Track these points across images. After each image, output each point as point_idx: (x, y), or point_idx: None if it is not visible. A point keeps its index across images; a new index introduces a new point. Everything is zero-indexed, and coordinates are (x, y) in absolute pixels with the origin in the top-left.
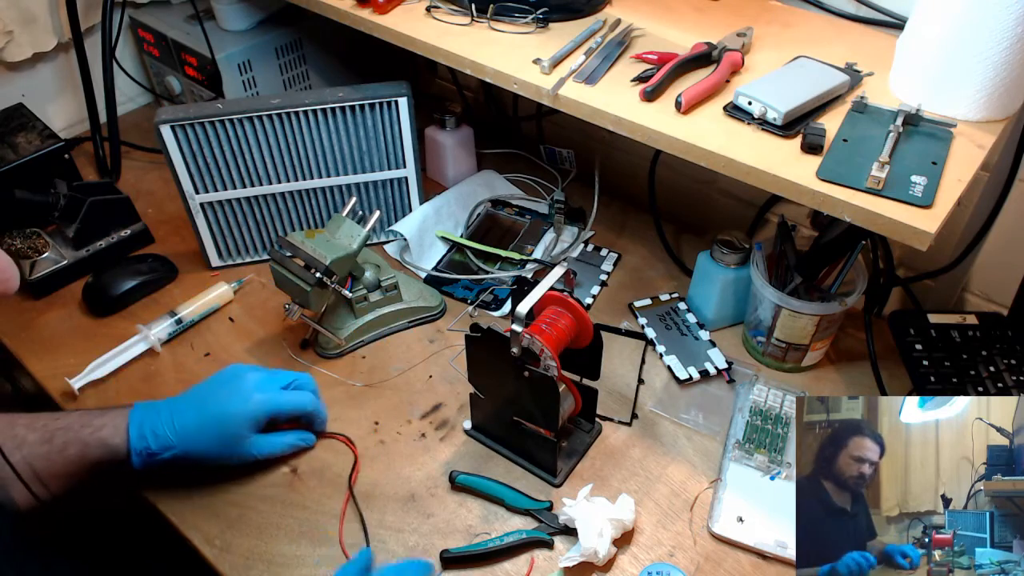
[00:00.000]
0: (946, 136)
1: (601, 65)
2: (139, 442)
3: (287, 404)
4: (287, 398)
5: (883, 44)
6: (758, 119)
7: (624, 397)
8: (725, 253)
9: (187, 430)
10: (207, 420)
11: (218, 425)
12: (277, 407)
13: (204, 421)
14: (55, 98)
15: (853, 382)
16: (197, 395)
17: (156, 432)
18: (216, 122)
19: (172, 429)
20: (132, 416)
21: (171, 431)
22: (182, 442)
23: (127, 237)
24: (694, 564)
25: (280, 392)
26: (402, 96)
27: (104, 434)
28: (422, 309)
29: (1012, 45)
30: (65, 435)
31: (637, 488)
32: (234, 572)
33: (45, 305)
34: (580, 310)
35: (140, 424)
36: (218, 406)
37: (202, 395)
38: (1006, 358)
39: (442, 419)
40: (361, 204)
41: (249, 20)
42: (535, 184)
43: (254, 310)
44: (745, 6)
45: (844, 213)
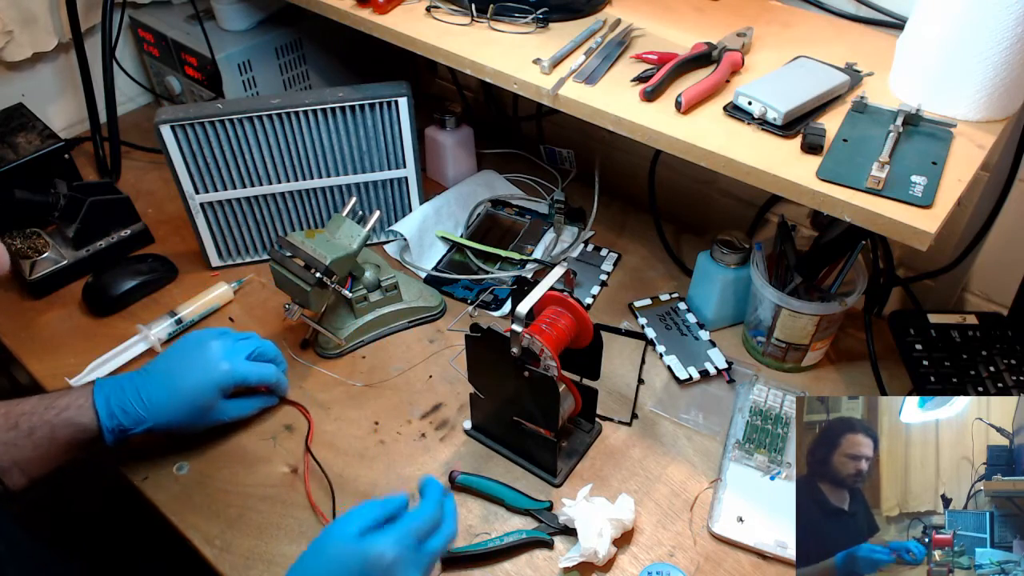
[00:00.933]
0: (946, 136)
1: (601, 65)
2: (109, 420)
3: (253, 375)
4: (253, 369)
5: (883, 44)
6: (758, 119)
7: (624, 397)
8: (725, 253)
9: (158, 403)
10: (176, 392)
11: (188, 396)
12: (243, 377)
13: (173, 393)
14: (55, 98)
15: (853, 382)
16: (162, 367)
17: (125, 409)
18: (216, 122)
19: (141, 404)
20: (96, 394)
21: (140, 406)
22: (153, 415)
23: (127, 237)
24: (694, 564)
25: (245, 363)
26: (402, 96)
27: (70, 414)
28: (422, 309)
29: (1012, 45)
30: (30, 419)
31: (637, 488)
32: (234, 572)
33: (45, 305)
34: (580, 310)
35: (107, 401)
36: (186, 378)
37: (168, 367)
38: (1006, 358)
39: (442, 419)
40: (361, 204)
41: (249, 20)
42: (535, 184)
43: (254, 310)
44: (745, 6)
45: (844, 213)
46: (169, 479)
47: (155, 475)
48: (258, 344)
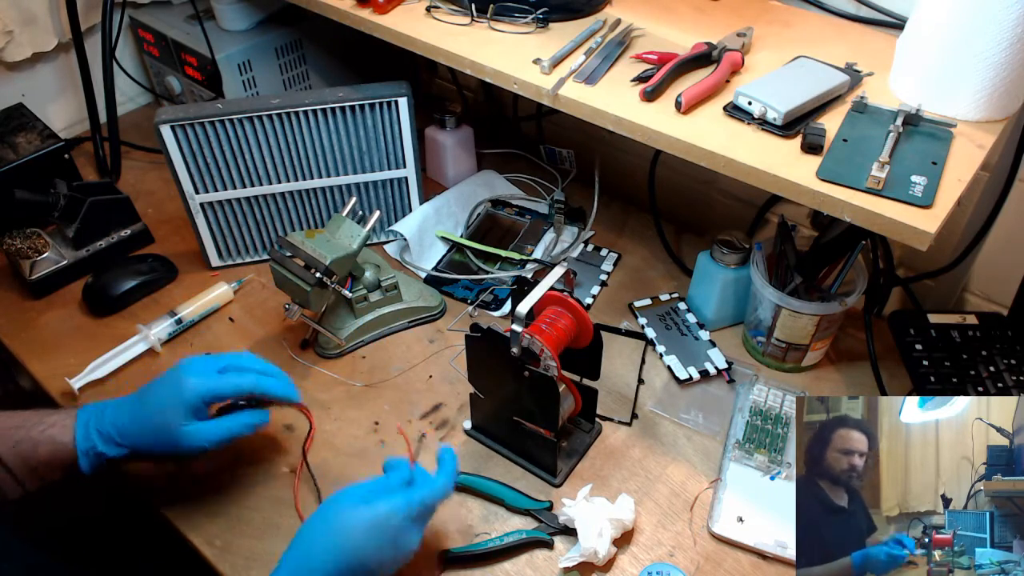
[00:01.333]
0: (946, 136)
1: (601, 65)
2: (84, 441)
3: (225, 387)
4: (223, 381)
5: (883, 44)
6: (758, 119)
7: (624, 397)
8: (725, 253)
9: (126, 426)
10: (141, 413)
11: (152, 417)
12: (212, 391)
13: (138, 414)
14: (55, 98)
15: (853, 382)
16: (140, 391)
17: (100, 429)
18: (216, 122)
19: (114, 426)
20: (80, 414)
21: (113, 428)
22: (124, 439)
23: (127, 237)
24: (694, 564)
25: (214, 376)
26: (402, 96)
27: (54, 431)
28: (422, 309)
29: (1012, 45)
30: (17, 432)
31: (637, 488)
32: (234, 572)
33: (45, 305)
34: (580, 310)
35: (86, 423)
36: (151, 397)
37: (143, 390)
38: (1006, 358)
39: (442, 419)
40: (361, 204)
41: (249, 20)
42: (535, 184)
43: (254, 310)
44: (745, 6)
45: (844, 213)
46: (169, 479)
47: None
48: (233, 357)
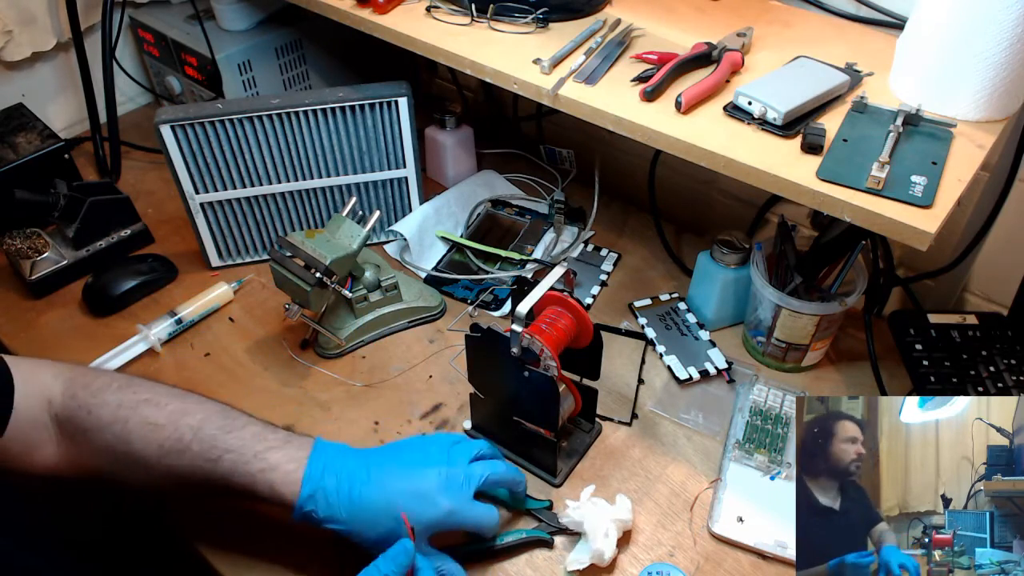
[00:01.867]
0: (946, 136)
1: (601, 65)
2: (307, 502)
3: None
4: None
5: (883, 44)
6: (758, 119)
7: (624, 397)
8: (725, 253)
9: (361, 512)
10: (383, 511)
11: (392, 523)
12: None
13: (379, 511)
14: (55, 98)
15: (853, 382)
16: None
17: (328, 500)
18: (216, 122)
19: (348, 502)
20: (311, 467)
21: (344, 505)
22: (351, 521)
23: (127, 237)
24: (694, 564)
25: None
26: (402, 96)
27: (275, 477)
28: (422, 309)
29: (1012, 45)
30: (233, 463)
31: (637, 488)
32: (234, 572)
33: (45, 305)
34: (580, 310)
35: (316, 481)
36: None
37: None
38: (1006, 358)
39: (442, 419)
40: (361, 204)
41: (249, 20)
42: (535, 184)
43: (254, 310)
44: (745, 6)
45: (844, 213)
46: None
47: None
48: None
